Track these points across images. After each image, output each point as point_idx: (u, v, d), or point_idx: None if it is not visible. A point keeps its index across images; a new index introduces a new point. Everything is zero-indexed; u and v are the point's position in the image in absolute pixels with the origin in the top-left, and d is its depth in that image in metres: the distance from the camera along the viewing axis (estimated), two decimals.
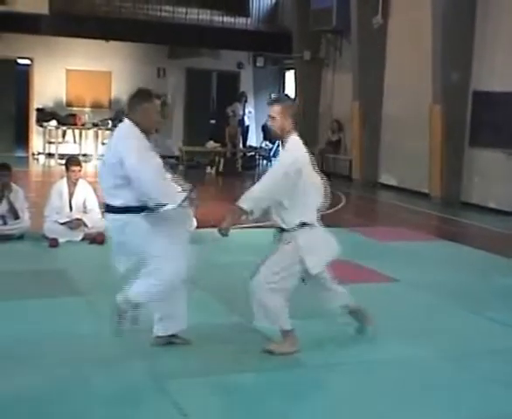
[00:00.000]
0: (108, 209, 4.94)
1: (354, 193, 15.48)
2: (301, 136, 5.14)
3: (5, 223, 8.52)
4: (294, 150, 5.13)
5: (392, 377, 4.94)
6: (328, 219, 11.27)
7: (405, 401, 4.56)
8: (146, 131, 4.90)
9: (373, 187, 15.93)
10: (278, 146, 19.83)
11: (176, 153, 18.98)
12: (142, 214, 4.80)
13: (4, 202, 8.55)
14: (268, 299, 5.03)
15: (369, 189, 15.69)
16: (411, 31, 14.94)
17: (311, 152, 5.21)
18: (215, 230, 5.04)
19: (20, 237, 8.56)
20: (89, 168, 16.09)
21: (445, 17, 13.29)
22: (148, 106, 4.92)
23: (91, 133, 19.69)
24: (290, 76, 20.64)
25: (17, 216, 8.60)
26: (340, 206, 12.99)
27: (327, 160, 17.40)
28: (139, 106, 4.90)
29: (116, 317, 4.85)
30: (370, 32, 15.69)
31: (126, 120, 4.94)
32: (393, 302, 6.84)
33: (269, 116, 5.16)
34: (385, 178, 16.05)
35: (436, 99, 13.69)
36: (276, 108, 5.10)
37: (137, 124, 4.85)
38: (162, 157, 5.10)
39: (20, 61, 19.44)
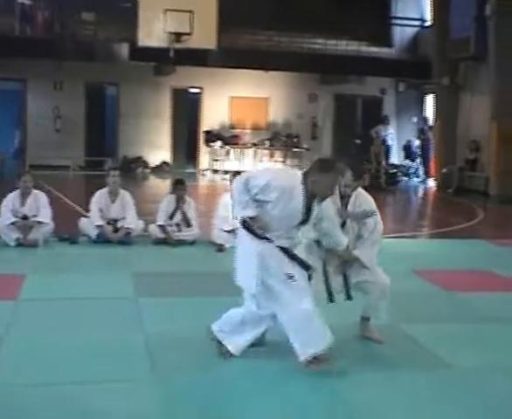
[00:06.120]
0: None
1: (490, 208, 14.85)
2: (440, 155, 4.94)
3: (180, 231, 8.84)
4: None
5: None
6: (467, 231, 11.10)
7: None
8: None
9: (509, 202, 15.23)
10: (419, 164, 19.67)
11: None
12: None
13: (179, 212, 8.90)
14: None
15: (505, 204, 15.02)
16: None
17: (449, 169, 5.01)
18: None
19: (192, 243, 8.79)
20: None
21: None
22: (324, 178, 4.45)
23: (251, 151, 20.22)
24: (430, 100, 20.18)
25: (189, 225, 8.87)
26: (477, 220, 12.56)
27: (464, 177, 16.82)
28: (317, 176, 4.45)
29: None
30: (507, 58, 15.07)
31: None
32: None
33: None
34: None
35: None
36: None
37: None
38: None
39: (191, 90, 20.27)
